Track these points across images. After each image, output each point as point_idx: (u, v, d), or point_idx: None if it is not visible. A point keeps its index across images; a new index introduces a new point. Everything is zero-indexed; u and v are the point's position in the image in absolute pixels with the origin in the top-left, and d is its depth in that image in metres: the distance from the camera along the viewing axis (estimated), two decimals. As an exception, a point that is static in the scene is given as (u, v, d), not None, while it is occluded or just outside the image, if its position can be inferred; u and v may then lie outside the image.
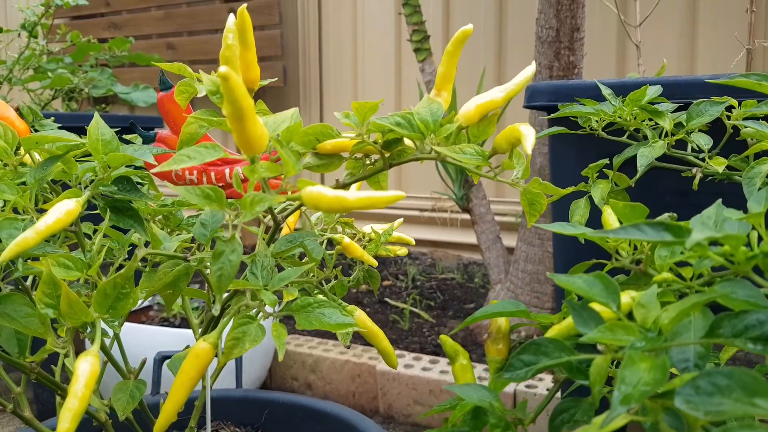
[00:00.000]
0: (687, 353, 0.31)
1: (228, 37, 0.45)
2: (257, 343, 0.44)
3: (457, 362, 0.43)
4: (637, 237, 0.28)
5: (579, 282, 0.33)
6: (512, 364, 0.33)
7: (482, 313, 0.42)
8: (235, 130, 0.36)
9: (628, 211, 0.38)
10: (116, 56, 2.26)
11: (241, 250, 0.39)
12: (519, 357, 0.33)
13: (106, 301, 0.44)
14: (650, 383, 0.26)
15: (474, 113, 0.49)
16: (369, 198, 0.36)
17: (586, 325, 0.32)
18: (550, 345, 0.32)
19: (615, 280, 0.40)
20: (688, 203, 0.84)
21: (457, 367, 0.43)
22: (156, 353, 1.05)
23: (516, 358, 0.33)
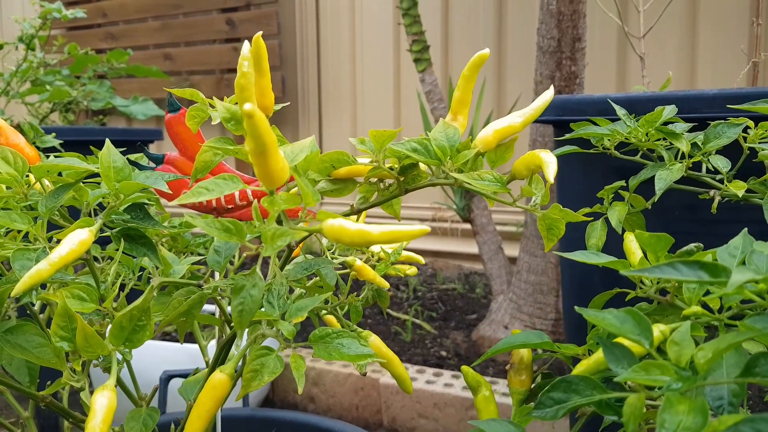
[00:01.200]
0: (721, 391, 0.31)
1: (243, 65, 0.44)
2: (276, 374, 0.43)
3: (480, 394, 0.43)
4: (673, 276, 0.27)
5: (610, 318, 0.32)
6: (542, 402, 0.32)
7: (506, 344, 0.42)
8: (257, 165, 0.35)
9: (653, 242, 0.37)
10: (114, 68, 2.26)
11: (263, 285, 0.38)
12: (549, 395, 0.32)
13: (122, 334, 0.43)
14: (691, 428, 0.26)
15: (492, 139, 0.48)
16: (393, 233, 0.36)
17: (618, 363, 0.31)
18: (581, 383, 0.32)
19: (640, 310, 0.39)
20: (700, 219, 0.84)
21: (479, 399, 0.42)
22: (162, 372, 1.04)
23: (546, 396, 0.32)
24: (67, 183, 0.49)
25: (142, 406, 0.59)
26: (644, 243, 0.38)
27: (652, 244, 0.38)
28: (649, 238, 0.37)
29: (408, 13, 2.07)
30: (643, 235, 0.37)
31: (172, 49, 3.34)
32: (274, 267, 0.53)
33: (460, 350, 1.94)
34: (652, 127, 0.58)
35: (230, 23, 3.12)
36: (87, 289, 0.46)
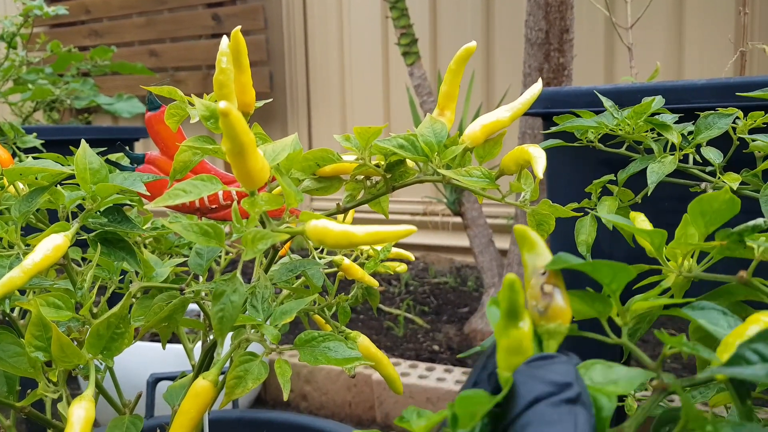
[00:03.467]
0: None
1: (222, 60, 0.43)
2: (260, 381, 0.42)
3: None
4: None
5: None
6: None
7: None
8: (234, 166, 0.34)
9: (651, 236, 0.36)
10: (98, 66, 2.22)
11: (244, 290, 0.37)
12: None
13: (99, 342, 0.42)
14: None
15: (479, 134, 0.47)
16: (378, 233, 0.34)
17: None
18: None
19: None
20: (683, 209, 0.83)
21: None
22: (149, 375, 1.02)
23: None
24: (42, 186, 0.48)
25: (126, 413, 0.57)
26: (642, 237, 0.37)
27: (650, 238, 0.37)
28: (648, 234, 0.36)
29: (395, 6, 2.06)
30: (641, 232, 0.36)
31: (158, 45, 3.30)
32: (258, 269, 0.51)
33: (452, 344, 1.93)
34: (640, 119, 0.57)
35: (216, 18, 3.09)
36: (63, 296, 0.44)
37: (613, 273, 0.31)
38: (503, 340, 0.27)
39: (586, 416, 0.24)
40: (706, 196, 0.36)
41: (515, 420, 0.24)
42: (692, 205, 0.36)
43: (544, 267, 0.29)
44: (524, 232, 0.30)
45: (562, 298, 0.28)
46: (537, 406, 0.24)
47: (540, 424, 0.23)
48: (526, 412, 0.24)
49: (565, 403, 0.24)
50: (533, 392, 0.25)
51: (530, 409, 0.24)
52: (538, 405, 0.24)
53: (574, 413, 0.24)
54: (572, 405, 0.24)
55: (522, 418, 0.24)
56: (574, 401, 0.24)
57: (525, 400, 0.24)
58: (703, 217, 0.37)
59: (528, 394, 0.25)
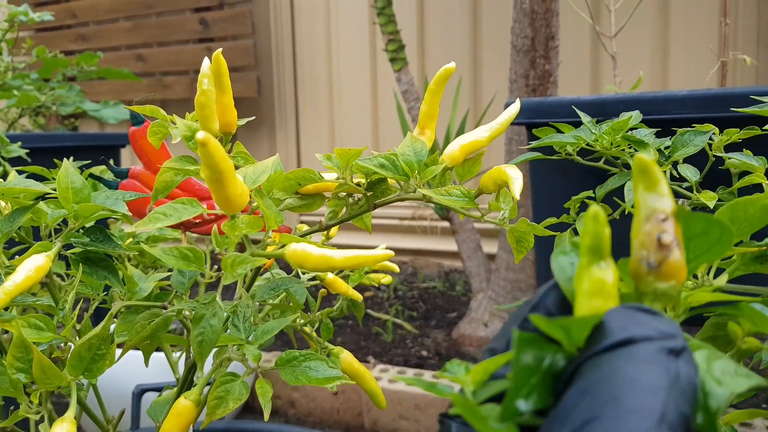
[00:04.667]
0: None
1: (203, 82, 0.43)
2: (241, 402, 0.42)
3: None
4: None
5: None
6: None
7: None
8: (213, 192, 0.34)
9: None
10: (84, 71, 2.22)
11: (223, 315, 0.37)
12: None
13: (81, 364, 0.42)
14: None
15: (458, 154, 0.48)
16: (356, 258, 0.35)
17: None
18: None
19: None
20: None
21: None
22: (135, 386, 1.02)
23: None
24: (24, 206, 0.48)
25: (109, 430, 0.57)
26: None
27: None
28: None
29: (383, 12, 2.06)
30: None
31: (145, 49, 3.29)
32: (240, 287, 0.52)
33: (440, 349, 1.94)
34: (618, 135, 0.57)
35: (204, 23, 3.09)
36: (45, 318, 0.44)
37: (717, 240, 0.25)
38: (583, 280, 0.22)
39: (691, 372, 0.19)
40: (743, 199, 0.33)
41: (603, 352, 0.19)
42: (722, 211, 0.33)
43: (667, 211, 0.23)
44: (647, 165, 0.24)
45: (681, 253, 0.23)
46: (634, 345, 0.19)
47: (636, 360, 0.19)
48: (620, 348, 0.19)
49: (666, 352, 0.19)
50: (631, 331, 0.20)
51: (626, 346, 0.19)
52: (636, 344, 0.19)
53: (677, 363, 0.19)
54: (675, 356, 0.19)
55: (613, 352, 0.19)
56: (678, 353, 0.19)
57: (620, 336, 0.20)
58: (732, 224, 0.33)
59: (624, 331, 0.20)
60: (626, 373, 0.18)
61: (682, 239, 0.23)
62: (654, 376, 0.18)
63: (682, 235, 0.25)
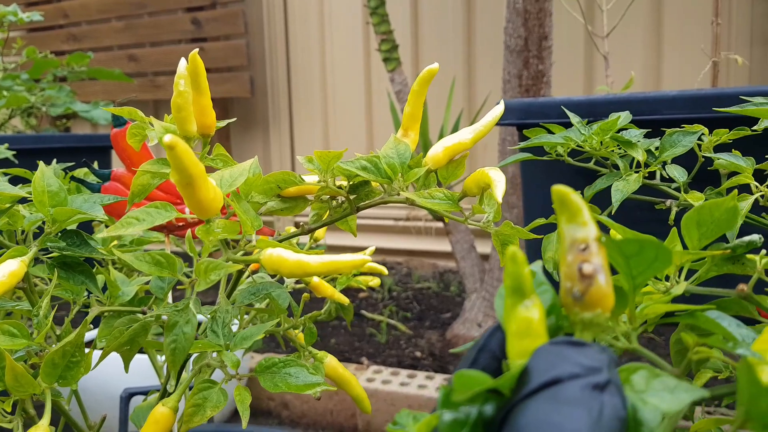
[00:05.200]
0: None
1: (179, 83, 0.42)
2: (219, 409, 0.41)
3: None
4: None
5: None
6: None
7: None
8: (185, 196, 0.33)
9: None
10: (75, 71, 2.20)
11: (197, 321, 0.36)
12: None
13: (55, 371, 0.41)
14: None
15: (442, 156, 0.47)
16: (333, 263, 0.34)
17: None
18: None
19: None
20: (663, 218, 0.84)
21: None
22: (123, 390, 1.01)
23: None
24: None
25: (90, 437, 0.56)
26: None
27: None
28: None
29: (376, 11, 2.05)
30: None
31: (137, 49, 3.28)
32: (222, 292, 0.51)
33: (434, 350, 1.93)
34: (607, 135, 0.57)
35: (196, 23, 3.07)
36: (19, 324, 0.43)
37: (654, 258, 0.26)
38: (511, 322, 0.23)
39: (616, 407, 0.19)
40: (708, 203, 0.33)
41: (530, 395, 0.20)
42: (689, 215, 0.33)
43: (587, 240, 0.23)
44: (564, 196, 0.24)
45: (605, 281, 0.23)
46: (559, 385, 0.20)
47: (559, 402, 0.19)
48: (545, 389, 0.20)
49: (591, 388, 0.20)
50: (553, 371, 0.20)
51: (551, 387, 0.20)
52: (561, 384, 0.20)
53: (600, 400, 0.19)
54: (600, 391, 0.20)
55: (539, 394, 0.20)
56: (602, 387, 0.20)
57: (542, 379, 0.20)
58: (699, 228, 0.33)
59: (546, 372, 0.20)
60: (548, 419, 0.19)
61: (606, 266, 0.23)
62: (575, 419, 0.19)
63: (621, 257, 0.26)
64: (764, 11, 2.08)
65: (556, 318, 0.26)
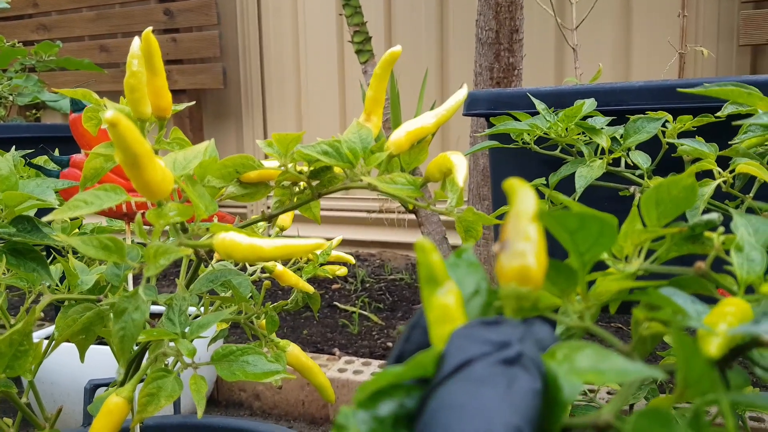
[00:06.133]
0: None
1: (132, 63, 0.41)
2: (174, 398, 0.40)
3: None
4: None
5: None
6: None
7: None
8: (131, 177, 0.32)
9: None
10: (43, 61, 2.15)
11: (147, 308, 0.35)
12: None
13: (2, 361, 0.40)
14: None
15: (404, 141, 0.46)
16: (286, 247, 0.33)
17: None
18: None
19: None
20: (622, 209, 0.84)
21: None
22: (87, 382, 0.99)
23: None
24: (-55, 195, 0.45)
25: (46, 427, 0.55)
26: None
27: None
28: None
29: (348, 3, 2.04)
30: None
31: (109, 40, 3.22)
32: (182, 279, 0.50)
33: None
34: (572, 122, 0.57)
35: (168, 13, 3.03)
36: (-36, 311, 0.42)
37: (599, 233, 0.26)
38: (429, 310, 0.23)
39: (528, 381, 0.20)
40: (666, 180, 0.33)
41: (442, 382, 0.20)
42: (647, 194, 0.33)
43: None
44: (509, 184, 0.24)
45: (535, 256, 0.23)
46: (468, 367, 0.20)
47: (467, 383, 0.19)
48: (456, 373, 0.20)
49: (500, 364, 0.20)
50: (466, 353, 0.20)
51: (460, 371, 0.20)
52: (470, 365, 0.20)
53: (510, 375, 0.20)
54: (509, 366, 0.20)
55: (449, 379, 0.20)
56: (512, 362, 0.20)
57: (456, 361, 0.20)
58: (657, 206, 0.33)
59: (459, 354, 0.20)
60: (454, 400, 0.19)
61: (534, 239, 0.23)
62: (483, 396, 0.19)
63: (565, 232, 0.26)
64: (730, 5, 2.11)
65: (487, 296, 0.25)
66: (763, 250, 0.33)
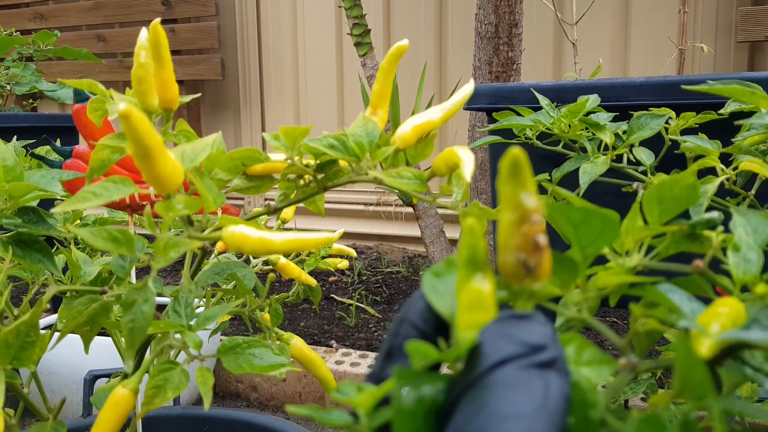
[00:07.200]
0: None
1: (140, 54, 0.41)
2: (180, 390, 0.41)
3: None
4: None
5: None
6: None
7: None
8: (142, 169, 0.32)
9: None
10: (41, 50, 2.14)
11: (155, 300, 0.36)
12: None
13: (8, 352, 0.40)
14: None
15: (411, 135, 0.46)
16: (297, 241, 0.33)
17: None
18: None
19: None
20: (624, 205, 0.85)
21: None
22: (87, 372, 0.99)
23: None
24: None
25: (49, 419, 0.55)
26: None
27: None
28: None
29: (348, -6, 2.03)
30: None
31: (106, 30, 3.20)
32: (187, 271, 0.50)
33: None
34: (575, 118, 0.57)
35: (166, 3, 3.01)
36: (-30, 302, 0.42)
37: (601, 227, 0.26)
38: (463, 294, 0.23)
39: (561, 385, 0.20)
40: (668, 179, 0.33)
41: (476, 381, 0.20)
42: (650, 191, 0.33)
43: (540, 210, 0.23)
44: (518, 161, 0.23)
45: (548, 251, 0.23)
46: (503, 368, 0.20)
47: (504, 387, 0.20)
48: (491, 373, 0.20)
49: (536, 367, 0.20)
50: (501, 352, 0.21)
51: (496, 370, 0.20)
52: (505, 366, 0.20)
53: (545, 379, 0.20)
54: (544, 370, 0.20)
55: (484, 379, 0.20)
56: (547, 366, 0.20)
57: (491, 360, 0.21)
58: (659, 204, 0.34)
59: (495, 354, 0.21)
60: (493, 406, 0.19)
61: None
62: (521, 404, 0.19)
63: (570, 224, 0.26)
64: (729, 1, 2.11)
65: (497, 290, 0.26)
66: (760, 251, 0.34)
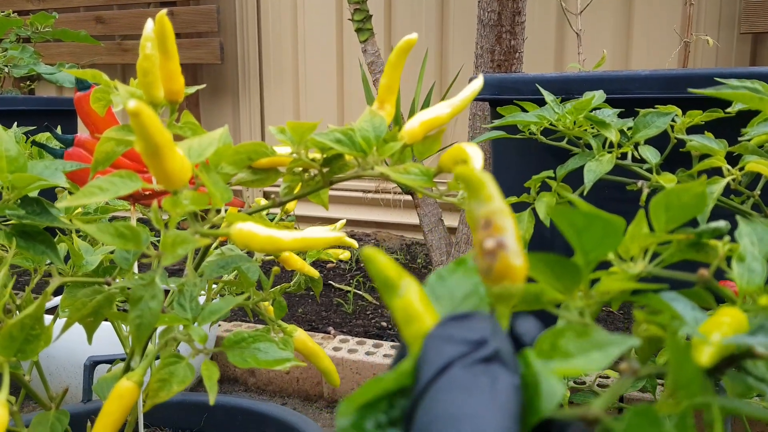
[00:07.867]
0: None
1: (146, 46, 0.40)
2: (186, 384, 0.41)
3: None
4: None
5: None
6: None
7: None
8: (151, 166, 0.32)
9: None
10: (39, 32, 2.12)
11: (163, 297, 0.35)
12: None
13: (13, 345, 0.40)
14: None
15: (418, 131, 0.46)
16: (305, 240, 0.33)
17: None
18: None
19: None
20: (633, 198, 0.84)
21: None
22: (87, 358, 0.99)
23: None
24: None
25: (52, 408, 0.55)
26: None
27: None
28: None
29: (349, -20, 2.01)
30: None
31: (105, 11, 3.17)
32: (190, 264, 0.50)
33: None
34: (581, 115, 0.56)
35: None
36: (-26, 294, 0.42)
37: (605, 233, 0.26)
38: (395, 314, 0.23)
39: (508, 379, 0.19)
40: (676, 187, 0.33)
41: (425, 390, 0.19)
42: (657, 198, 0.33)
43: (489, 215, 0.23)
44: (467, 175, 0.23)
45: (512, 252, 0.23)
46: (449, 371, 0.19)
47: (451, 389, 0.19)
48: (438, 379, 0.19)
49: (479, 363, 0.19)
50: (444, 356, 0.20)
51: (442, 374, 0.19)
52: (450, 369, 0.19)
53: (491, 375, 0.19)
54: (488, 364, 0.19)
55: (433, 386, 0.19)
56: (491, 360, 0.20)
57: (436, 366, 0.20)
58: (666, 211, 0.33)
59: (438, 358, 0.20)
60: (444, 411, 0.18)
61: (516, 237, 0.23)
62: (470, 404, 0.18)
63: (572, 229, 0.26)
64: (735, -6, 2.10)
65: (483, 295, 0.26)
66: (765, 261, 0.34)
